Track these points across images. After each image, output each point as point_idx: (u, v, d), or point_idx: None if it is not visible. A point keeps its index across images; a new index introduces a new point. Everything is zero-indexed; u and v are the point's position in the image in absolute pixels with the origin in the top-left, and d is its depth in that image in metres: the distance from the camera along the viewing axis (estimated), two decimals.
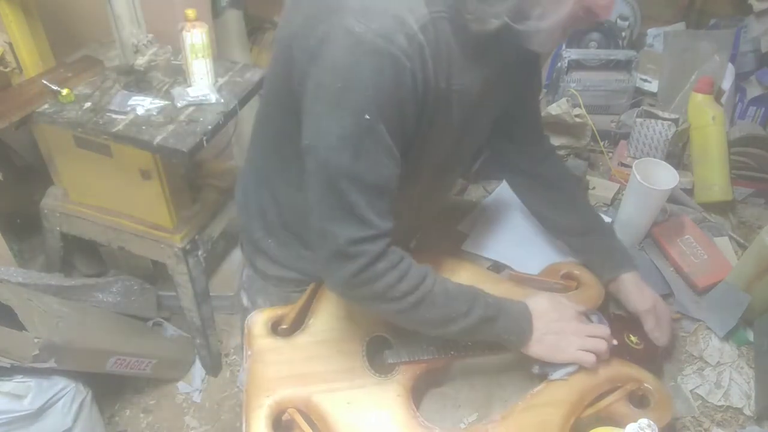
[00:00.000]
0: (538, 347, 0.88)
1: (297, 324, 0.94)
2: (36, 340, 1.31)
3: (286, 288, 1.01)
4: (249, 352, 0.90)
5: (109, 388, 1.74)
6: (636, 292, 0.99)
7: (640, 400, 0.89)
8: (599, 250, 1.05)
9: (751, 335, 1.04)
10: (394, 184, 0.77)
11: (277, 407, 0.83)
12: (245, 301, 1.10)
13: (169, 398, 1.82)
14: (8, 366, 1.30)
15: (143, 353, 1.67)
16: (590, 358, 0.88)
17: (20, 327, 1.32)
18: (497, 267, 1.12)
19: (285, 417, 0.84)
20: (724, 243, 1.24)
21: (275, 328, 0.93)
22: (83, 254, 1.89)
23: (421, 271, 0.82)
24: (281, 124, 0.86)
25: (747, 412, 0.95)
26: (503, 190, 1.21)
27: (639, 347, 0.95)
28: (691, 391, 0.98)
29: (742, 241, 1.27)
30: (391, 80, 0.70)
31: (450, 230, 1.19)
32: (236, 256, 2.04)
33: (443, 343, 0.91)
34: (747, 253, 1.06)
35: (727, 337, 1.04)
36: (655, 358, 0.97)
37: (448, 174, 1.01)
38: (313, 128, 0.74)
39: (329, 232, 0.76)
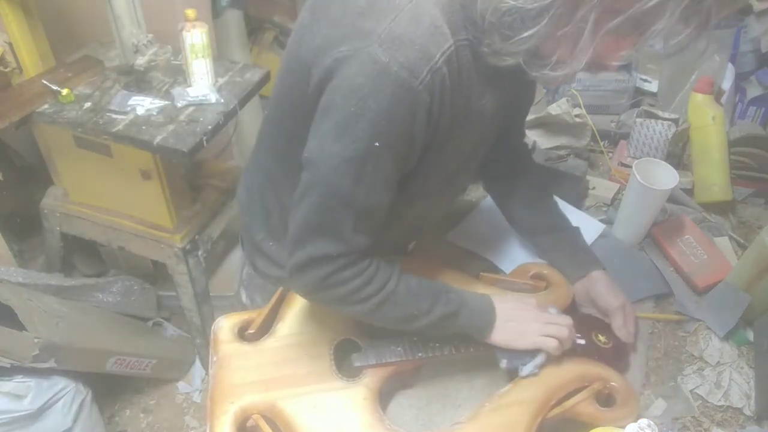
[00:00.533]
0: (500, 335, 0.89)
1: (264, 329, 0.93)
2: (36, 340, 1.31)
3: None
4: (215, 358, 0.89)
5: (109, 388, 1.74)
6: (607, 289, 0.99)
7: (606, 399, 0.90)
8: (569, 248, 1.06)
9: (751, 335, 1.04)
10: (385, 209, 0.79)
11: (242, 413, 0.83)
12: (244, 298, 1.10)
13: (169, 398, 1.82)
14: (8, 366, 1.30)
15: (143, 353, 1.67)
16: (552, 343, 0.89)
17: (20, 327, 1.32)
18: (492, 268, 1.12)
19: (250, 423, 0.83)
20: (724, 243, 1.24)
21: (242, 333, 0.93)
22: (83, 254, 1.89)
23: (387, 272, 0.83)
24: (292, 132, 0.86)
25: (747, 412, 0.95)
26: None
27: (607, 346, 0.96)
28: (691, 391, 0.98)
29: (742, 241, 1.27)
30: (408, 114, 0.70)
31: (449, 230, 1.19)
32: (236, 256, 2.04)
33: (411, 346, 0.91)
34: (747, 253, 1.06)
35: (727, 337, 1.04)
36: (624, 356, 0.97)
37: (456, 183, 1.01)
38: (317, 145, 0.74)
39: (307, 242, 0.78)
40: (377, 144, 0.70)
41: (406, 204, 0.85)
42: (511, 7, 0.66)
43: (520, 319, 0.91)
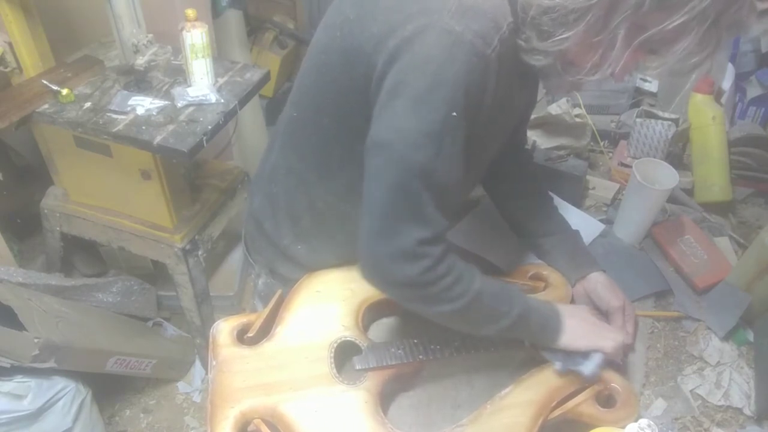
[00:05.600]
0: (565, 337, 0.90)
1: (264, 332, 0.92)
2: (36, 340, 1.31)
3: None
4: (214, 362, 0.88)
5: (109, 388, 1.74)
6: (607, 290, 1.00)
7: (606, 400, 0.90)
8: (569, 250, 1.06)
9: (751, 335, 1.04)
10: (460, 185, 0.78)
11: (243, 418, 0.82)
12: (261, 308, 1.09)
13: (169, 398, 1.82)
14: (8, 366, 1.30)
15: (143, 353, 1.67)
16: (611, 342, 0.90)
17: (20, 327, 1.32)
18: (491, 268, 1.12)
19: (251, 428, 0.82)
20: (724, 243, 1.24)
21: (241, 337, 0.92)
22: (83, 254, 1.89)
23: (472, 271, 0.82)
24: (330, 130, 0.85)
25: (747, 412, 0.95)
26: None
27: None
28: (691, 391, 0.98)
29: (742, 241, 1.27)
30: (481, 81, 0.71)
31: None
32: (236, 256, 2.04)
33: (411, 348, 0.90)
34: (747, 253, 1.06)
35: (727, 337, 1.04)
36: (623, 356, 0.97)
37: (470, 179, 1.01)
38: (389, 125, 0.73)
39: (396, 231, 0.74)
40: (454, 114, 0.70)
41: None
42: (555, 5, 0.68)
43: (580, 320, 0.92)
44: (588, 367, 0.88)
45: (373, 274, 0.80)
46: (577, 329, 0.90)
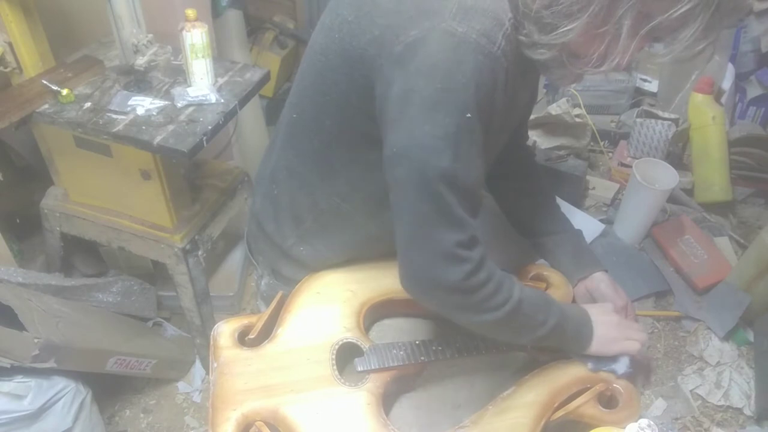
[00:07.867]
0: (596, 344, 0.90)
1: (265, 334, 0.92)
2: (36, 340, 1.31)
3: None
4: (215, 365, 0.88)
5: (109, 388, 1.74)
6: (611, 289, 1.00)
7: (608, 401, 0.90)
8: (572, 250, 1.07)
9: (751, 335, 1.05)
10: (481, 185, 0.78)
11: (244, 420, 0.82)
12: (263, 309, 1.09)
13: (169, 398, 1.82)
14: (8, 366, 1.30)
15: (143, 353, 1.67)
16: (637, 345, 0.91)
17: (20, 327, 1.32)
18: None
19: (252, 430, 0.82)
20: (724, 243, 1.24)
21: (242, 339, 0.92)
22: (83, 254, 1.89)
23: (510, 279, 0.82)
24: (334, 133, 0.85)
25: (747, 412, 0.96)
26: None
27: None
28: (691, 391, 0.98)
29: (742, 241, 1.27)
30: (491, 79, 0.71)
31: None
32: (236, 256, 2.04)
33: (413, 349, 0.91)
34: (747, 253, 1.06)
35: (727, 337, 1.05)
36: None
37: None
38: (404, 134, 0.72)
39: (431, 237, 0.74)
40: (468, 115, 0.70)
41: None
42: None
43: (608, 325, 0.92)
44: (621, 368, 0.90)
45: (416, 282, 0.78)
46: (607, 336, 0.91)
